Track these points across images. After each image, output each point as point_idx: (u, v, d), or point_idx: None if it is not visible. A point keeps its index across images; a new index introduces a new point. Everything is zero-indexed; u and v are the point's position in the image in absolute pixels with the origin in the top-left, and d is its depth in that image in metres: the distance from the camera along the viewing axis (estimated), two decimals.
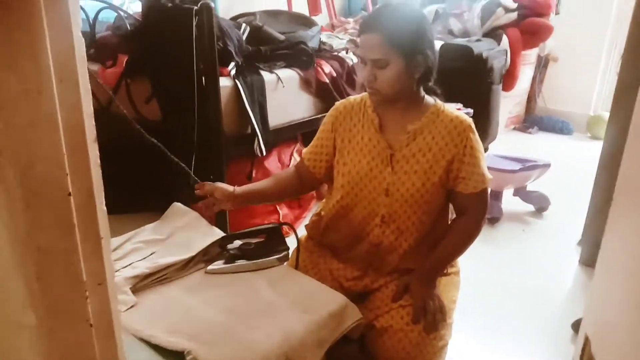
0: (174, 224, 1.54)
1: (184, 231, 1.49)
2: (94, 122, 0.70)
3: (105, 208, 0.76)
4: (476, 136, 1.28)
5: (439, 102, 1.31)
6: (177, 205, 1.59)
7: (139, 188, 2.09)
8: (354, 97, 1.38)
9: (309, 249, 1.48)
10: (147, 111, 2.08)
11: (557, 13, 3.93)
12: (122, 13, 2.13)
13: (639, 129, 1.15)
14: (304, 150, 1.43)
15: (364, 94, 1.35)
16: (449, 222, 1.41)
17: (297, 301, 1.23)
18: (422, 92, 1.30)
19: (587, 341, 1.36)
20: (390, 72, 1.18)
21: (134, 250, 1.44)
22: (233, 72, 1.99)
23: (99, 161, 0.73)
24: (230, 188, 1.35)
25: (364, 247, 1.36)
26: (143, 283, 1.30)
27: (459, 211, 1.36)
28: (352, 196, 1.33)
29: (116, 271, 1.32)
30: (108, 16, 2.47)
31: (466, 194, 1.30)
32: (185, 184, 1.91)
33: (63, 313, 0.67)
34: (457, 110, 1.32)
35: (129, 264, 1.37)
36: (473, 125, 1.29)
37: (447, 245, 1.34)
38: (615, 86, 1.95)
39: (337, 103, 1.40)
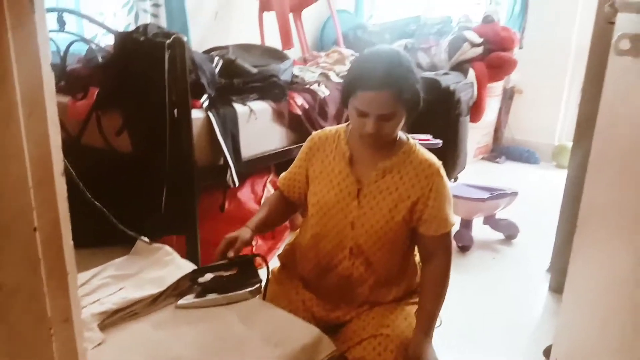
0: (143, 258, 1.52)
1: (154, 265, 1.47)
2: (62, 155, 0.70)
3: (72, 243, 0.75)
4: (444, 181, 1.30)
5: (412, 141, 1.33)
6: (146, 239, 1.57)
7: (106, 221, 2.05)
8: (330, 129, 1.40)
9: (281, 280, 1.47)
10: (119, 143, 2.06)
11: (520, 47, 4.09)
12: (93, 46, 2.13)
13: (598, 161, 1.20)
14: (280, 178, 1.46)
15: (340, 126, 1.38)
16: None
17: (269, 335, 1.21)
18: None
19: None
20: (395, 122, 1.22)
21: (102, 286, 1.41)
22: (205, 104, 2.00)
23: (66, 195, 0.72)
24: (248, 234, 1.35)
25: (334, 279, 1.36)
26: (111, 319, 1.26)
27: (422, 254, 1.37)
28: (320, 226, 1.34)
29: (83, 307, 1.29)
30: (80, 49, 2.47)
31: (428, 236, 1.31)
32: (155, 217, 1.89)
33: (27, 352, 0.65)
34: (428, 152, 1.33)
35: (97, 300, 1.33)
36: (442, 170, 1.31)
37: (427, 294, 1.34)
38: (577, 118, 2.04)
39: (313, 133, 1.42)
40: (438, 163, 1.31)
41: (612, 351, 1.01)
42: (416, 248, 1.40)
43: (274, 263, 1.54)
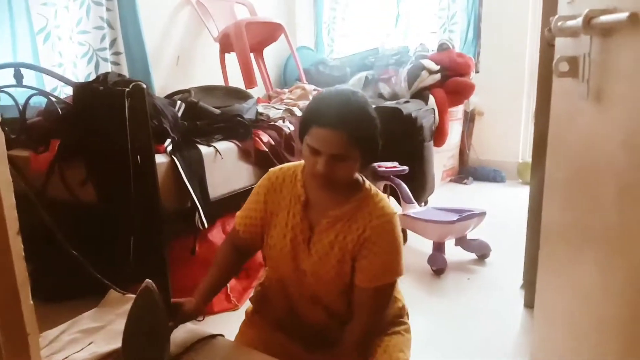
0: (112, 310, 1.48)
1: (124, 317, 1.43)
2: (16, 214, 0.69)
3: (31, 303, 0.74)
4: (393, 232, 1.23)
5: (369, 187, 1.28)
6: (114, 292, 1.54)
7: (75, 274, 2.01)
8: (287, 167, 1.35)
9: (256, 324, 1.43)
10: (83, 194, 2.03)
11: (477, 71, 4.24)
12: (52, 98, 2.12)
13: (552, 180, 1.25)
14: (237, 220, 1.38)
15: (297, 164, 1.33)
16: None
17: None
18: (358, 176, 1.28)
19: None
20: (348, 164, 1.17)
21: (71, 342, 1.37)
22: (169, 148, 2.00)
23: (22, 254, 0.71)
24: (191, 305, 1.31)
25: (306, 323, 1.34)
26: None
27: (354, 306, 1.28)
28: (280, 272, 1.31)
29: None
30: (40, 101, 2.45)
31: (358, 287, 1.24)
32: (125, 267, 1.85)
33: None
34: (385, 199, 1.28)
35: (65, 358, 1.29)
36: (395, 220, 1.24)
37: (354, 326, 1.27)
38: (532, 137, 2.11)
39: (270, 171, 1.36)
40: (392, 213, 1.25)
41: None
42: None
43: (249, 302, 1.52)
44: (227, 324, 1.64)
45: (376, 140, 1.20)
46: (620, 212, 0.85)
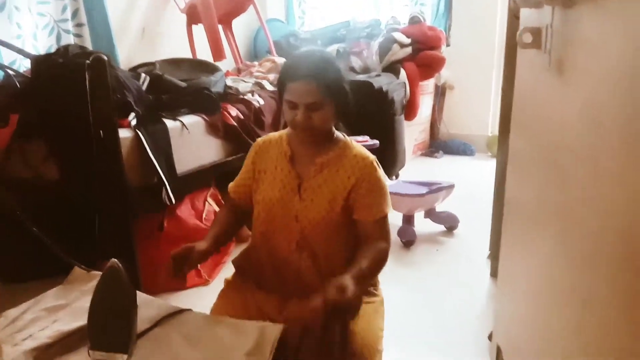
0: (77, 287, 1.46)
1: (89, 294, 1.41)
2: None
3: None
4: (378, 172, 1.38)
5: (348, 138, 1.42)
6: (79, 269, 1.51)
7: (39, 253, 1.97)
8: (273, 134, 1.47)
9: (236, 285, 1.48)
10: (45, 171, 1.98)
11: (448, 45, 4.24)
12: (9, 71, 2.03)
13: (515, 153, 1.27)
14: (230, 188, 1.49)
15: (283, 131, 1.45)
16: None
17: (215, 350, 1.19)
18: (333, 129, 1.41)
19: (499, 351, 1.43)
20: (323, 113, 1.30)
21: (34, 320, 1.34)
22: (133, 122, 1.95)
23: None
24: (203, 245, 1.34)
25: (287, 275, 1.39)
26: (46, 354, 1.21)
27: (362, 239, 1.39)
28: (267, 223, 1.39)
29: (14, 345, 1.22)
30: None
31: (363, 221, 1.37)
32: (90, 244, 1.82)
33: None
34: (363, 147, 1.42)
35: (29, 336, 1.27)
36: (376, 162, 1.39)
37: (363, 260, 1.32)
38: (499, 110, 2.13)
39: (257, 139, 1.49)
40: (372, 157, 1.40)
41: (542, 330, 1.06)
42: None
43: (223, 276, 1.53)
44: (199, 299, 1.63)
45: (345, 89, 1.34)
46: (578, 183, 0.87)
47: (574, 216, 0.89)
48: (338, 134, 1.41)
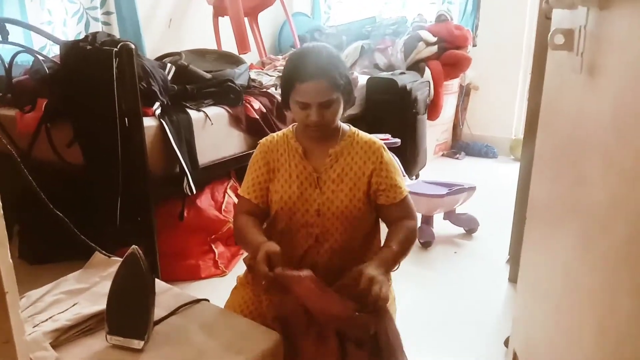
0: (98, 272, 1.48)
1: (109, 279, 1.43)
2: None
3: (10, 261, 0.73)
4: (388, 155, 1.41)
5: (353, 128, 1.45)
6: (99, 254, 1.53)
7: (61, 236, 2.00)
8: (276, 133, 1.48)
9: (248, 282, 1.48)
10: (70, 155, 2.01)
11: (474, 45, 4.18)
12: (39, 56, 2.07)
13: (542, 154, 1.24)
14: (244, 192, 1.44)
15: (285, 130, 1.46)
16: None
17: (229, 343, 1.20)
18: (338, 121, 1.42)
19: (515, 357, 1.42)
20: (334, 108, 1.32)
21: (54, 302, 1.37)
22: (158, 111, 1.97)
23: (1, 212, 0.70)
24: (276, 246, 1.28)
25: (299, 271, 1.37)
26: (65, 336, 1.23)
27: (389, 222, 1.43)
28: (286, 220, 1.39)
29: (35, 325, 1.25)
30: (26, 59, 2.40)
31: (389, 205, 1.39)
32: (111, 230, 1.85)
33: None
34: (369, 135, 1.45)
35: (49, 317, 1.29)
36: (384, 146, 1.43)
37: (394, 241, 1.35)
38: (526, 112, 2.09)
39: (261, 140, 1.48)
40: (380, 142, 1.43)
41: (563, 337, 1.04)
42: (379, 238, 1.45)
43: (240, 268, 1.53)
44: (215, 290, 1.64)
45: (350, 80, 1.37)
46: (606, 188, 0.85)
47: (600, 221, 0.87)
48: (343, 125, 1.44)
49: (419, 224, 2.63)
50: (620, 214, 0.79)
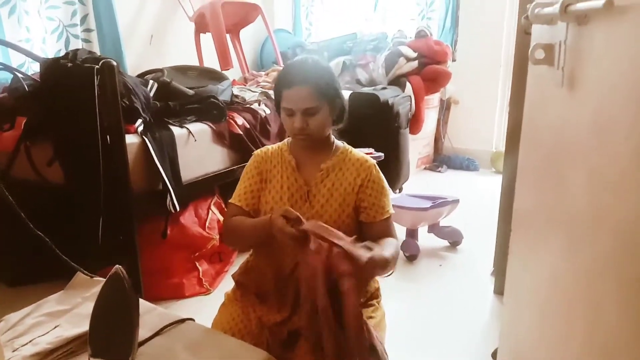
0: (79, 293, 1.45)
1: (91, 300, 1.39)
2: None
3: None
4: (379, 174, 1.42)
5: (347, 145, 1.46)
6: (81, 275, 1.50)
7: (41, 257, 1.96)
8: (271, 146, 1.49)
9: (237, 299, 1.46)
10: (50, 174, 1.97)
11: (454, 60, 4.25)
12: (18, 74, 2.04)
13: (525, 167, 1.26)
14: (235, 199, 1.43)
15: (280, 143, 1.47)
16: None
17: None
18: (332, 136, 1.45)
19: None
20: (320, 117, 1.33)
21: (35, 325, 1.33)
22: (140, 128, 1.95)
23: None
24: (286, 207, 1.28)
25: (292, 285, 1.36)
26: None
27: (371, 240, 1.34)
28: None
29: (14, 350, 1.21)
30: (5, 77, 2.36)
31: (369, 223, 1.39)
32: (93, 249, 1.81)
33: None
34: (362, 153, 1.45)
35: (30, 341, 1.25)
36: (376, 166, 1.43)
37: (383, 248, 1.31)
38: (506, 125, 2.13)
39: (256, 151, 1.49)
40: (372, 160, 1.43)
41: (550, 347, 1.04)
42: None
43: (224, 286, 1.51)
44: (199, 309, 1.62)
45: (339, 93, 1.39)
46: (588, 198, 0.86)
47: (585, 230, 0.88)
48: (337, 141, 1.45)
49: (403, 238, 2.67)
50: (604, 223, 0.80)
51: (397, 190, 3.42)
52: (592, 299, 0.85)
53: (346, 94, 3.28)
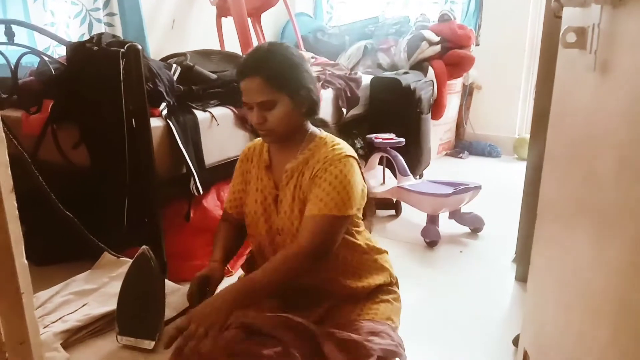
0: (106, 273, 1.48)
1: (118, 280, 1.43)
2: (9, 172, 0.67)
3: (25, 261, 0.73)
4: (344, 167, 1.20)
5: (326, 136, 1.29)
6: (108, 255, 1.54)
7: (68, 237, 2.01)
8: (259, 140, 1.38)
9: None
10: (76, 157, 2.01)
11: (477, 44, 4.18)
12: (45, 58, 2.07)
13: (552, 153, 1.24)
14: (227, 203, 1.43)
15: None
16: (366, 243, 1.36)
17: None
18: (308, 126, 1.30)
19: (525, 355, 1.41)
20: (278, 111, 1.19)
21: (64, 303, 1.37)
22: (164, 112, 1.97)
23: (16, 213, 0.70)
24: (218, 272, 1.31)
25: (288, 284, 1.32)
26: (75, 337, 1.23)
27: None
28: (256, 236, 1.34)
29: (45, 327, 1.25)
30: (31, 61, 2.40)
31: (305, 217, 1.21)
32: (118, 231, 1.85)
33: None
34: (344, 144, 1.28)
35: (59, 318, 1.30)
36: (348, 160, 1.22)
37: (261, 269, 1.20)
38: (532, 111, 2.09)
39: (246, 146, 1.42)
40: (344, 154, 1.22)
41: (575, 337, 1.04)
42: (365, 241, 1.36)
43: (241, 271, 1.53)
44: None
45: (302, 82, 1.22)
46: (618, 187, 0.85)
47: (613, 220, 0.87)
48: (314, 130, 1.30)
49: (424, 224, 2.66)
50: (635, 214, 0.79)
51: (418, 176, 3.40)
52: (619, 289, 0.84)
53: (368, 79, 3.29)
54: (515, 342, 1.75)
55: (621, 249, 0.83)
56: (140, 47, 1.77)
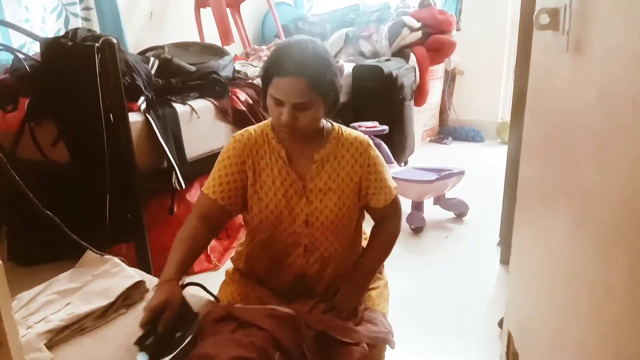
0: (89, 271, 1.47)
1: (101, 278, 1.42)
2: None
3: (1, 263, 0.71)
4: (375, 152, 1.34)
5: (336, 125, 1.33)
6: (91, 253, 1.52)
7: (50, 236, 1.98)
8: (252, 129, 1.32)
9: (236, 280, 1.43)
10: (55, 154, 1.98)
11: (458, 29, 4.18)
12: (19, 55, 2.03)
13: (530, 136, 1.25)
14: (209, 190, 1.28)
15: (261, 125, 1.32)
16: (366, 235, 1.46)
17: None
18: (319, 124, 1.30)
19: (510, 337, 1.43)
20: (311, 112, 1.19)
21: (47, 303, 1.35)
22: (143, 106, 1.95)
23: None
24: (177, 296, 1.14)
25: (288, 278, 1.34)
26: (59, 337, 1.22)
27: (377, 221, 1.41)
28: (271, 230, 1.30)
29: (28, 327, 1.24)
30: (6, 58, 2.35)
31: (379, 208, 1.34)
32: (101, 228, 1.83)
33: None
34: (353, 130, 1.36)
35: (43, 318, 1.28)
36: (371, 142, 1.34)
37: (372, 252, 1.39)
38: (512, 94, 2.10)
39: (235, 135, 1.31)
40: (366, 138, 1.34)
41: (556, 317, 1.05)
42: (361, 233, 1.44)
43: (230, 263, 1.52)
44: (207, 284, 1.62)
45: (336, 86, 1.24)
46: (595, 167, 0.85)
47: (591, 200, 0.87)
48: (326, 123, 1.31)
49: (409, 211, 2.68)
50: (611, 193, 0.80)
51: (403, 163, 3.41)
52: (599, 269, 0.85)
53: (350, 67, 3.28)
54: (501, 324, 1.78)
55: (601, 229, 0.84)
56: (115, 41, 1.75)
